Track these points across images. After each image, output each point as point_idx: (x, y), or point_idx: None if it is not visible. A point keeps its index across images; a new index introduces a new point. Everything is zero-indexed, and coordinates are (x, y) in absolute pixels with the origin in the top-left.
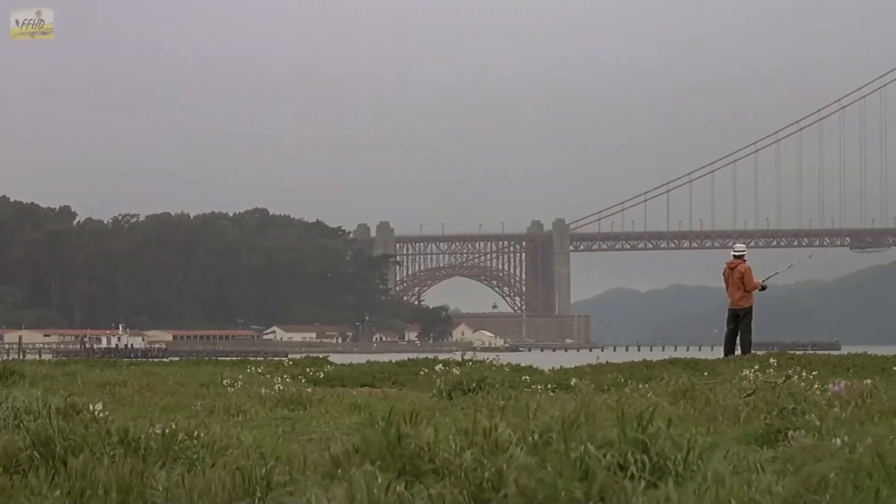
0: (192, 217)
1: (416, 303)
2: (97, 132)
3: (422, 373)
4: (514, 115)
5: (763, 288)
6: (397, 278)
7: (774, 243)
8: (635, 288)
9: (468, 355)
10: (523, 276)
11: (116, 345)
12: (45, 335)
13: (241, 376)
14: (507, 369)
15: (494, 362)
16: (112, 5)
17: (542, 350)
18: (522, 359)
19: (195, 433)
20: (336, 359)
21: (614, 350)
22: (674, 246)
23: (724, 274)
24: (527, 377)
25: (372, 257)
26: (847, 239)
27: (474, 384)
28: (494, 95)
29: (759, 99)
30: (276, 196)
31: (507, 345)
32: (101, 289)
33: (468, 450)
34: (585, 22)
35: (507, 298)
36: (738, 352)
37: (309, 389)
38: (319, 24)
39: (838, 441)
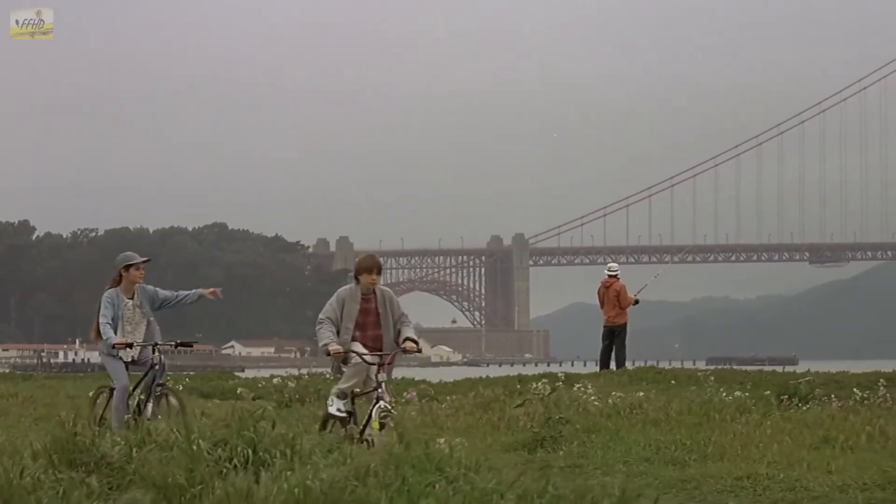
0: (150, 231)
1: None
2: (56, 145)
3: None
4: (473, 130)
5: (636, 302)
6: None
7: (734, 258)
8: (596, 303)
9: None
10: (483, 291)
11: (73, 359)
12: (3, 349)
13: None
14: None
15: (328, 376)
16: (69, 19)
17: (500, 365)
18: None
19: None
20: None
21: (572, 364)
22: (633, 260)
23: (598, 293)
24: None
25: (331, 272)
26: (807, 254)
27: (311, 396)
28: (454, 109)
29: (719, 114)
30: (236, 210)
31: (465, 359)
32: (60, 303)
33: (117, 446)
34: (544, 40)
35: (467, 313)
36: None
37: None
38: (278, 38)
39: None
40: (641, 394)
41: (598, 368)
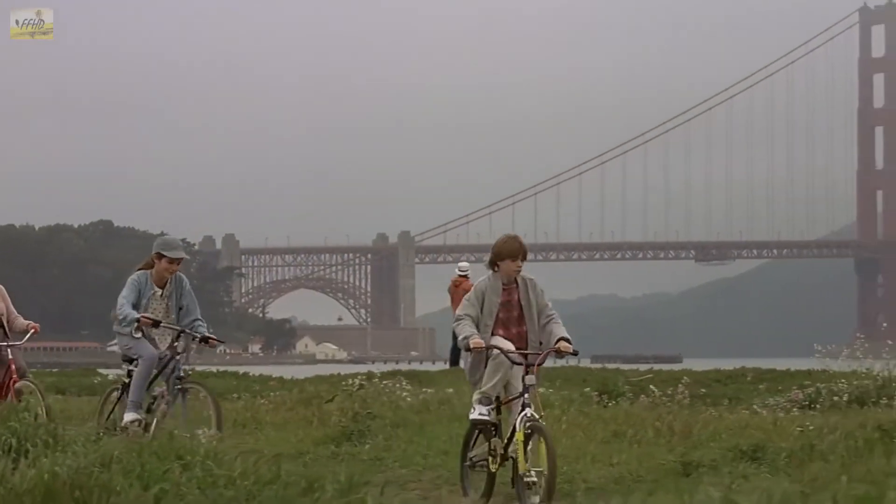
0: (36, 229)
1: (261, 315)
2: None
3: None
4: (358, 127)
5: None
6: (242, 290)
7: (619, 255)
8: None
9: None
10: (369, 289)
11: None
12: None
13: None
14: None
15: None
16: None
17: (385, 362)
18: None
19: None
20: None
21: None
22: None
23: (449, 291)
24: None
25: (217, 269)
26: (692, 252)
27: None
28: (339, 107)
29: (605, 113)
30: (121, 207)
31: (351, 357)
32: None
33: None
34: (430, 37)
35: (353, 311)
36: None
37: None
38: (164, 31)
39: None
40: (451, 390)
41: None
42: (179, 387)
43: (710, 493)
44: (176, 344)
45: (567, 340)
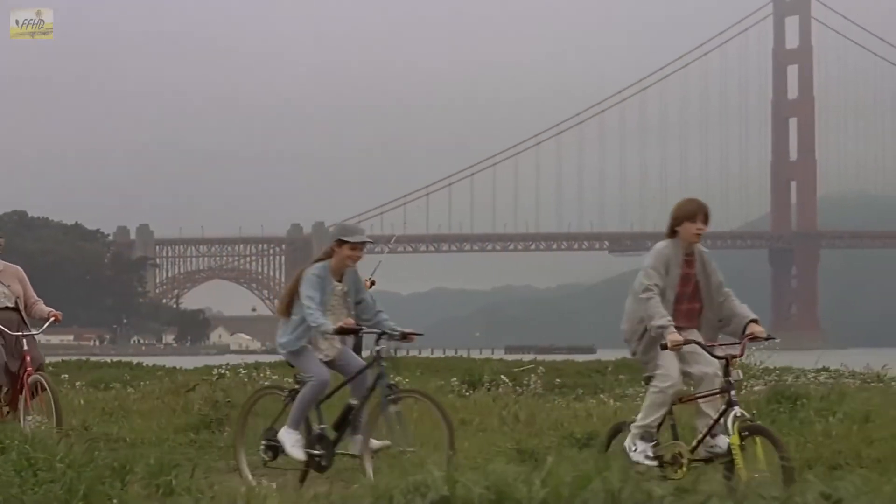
0: None
1: (175, 306)
2: None
3: None
4: (271, 118)
5: (372, 283)
6: (157, 281)
7: (533, 246)
8: (396, 291)
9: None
10: (283, 279)
11: None
12: None
13: None
14: None
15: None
16: None
17: None
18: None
19: None
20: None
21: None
22: (433, 249)
23: None
24: None
25: (131, 260)
26: (606, 242)
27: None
28: (252, 98)
29: (518, 104)
30: (35, 198)
31: (265, 347)
32: None
33: None
34: (349, 25)
35: (267, 301)
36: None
37: None
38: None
39: None
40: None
41: None
42: (391, 397)
43: (433, 471)
44: (379, 348)
45: (756, 322)
